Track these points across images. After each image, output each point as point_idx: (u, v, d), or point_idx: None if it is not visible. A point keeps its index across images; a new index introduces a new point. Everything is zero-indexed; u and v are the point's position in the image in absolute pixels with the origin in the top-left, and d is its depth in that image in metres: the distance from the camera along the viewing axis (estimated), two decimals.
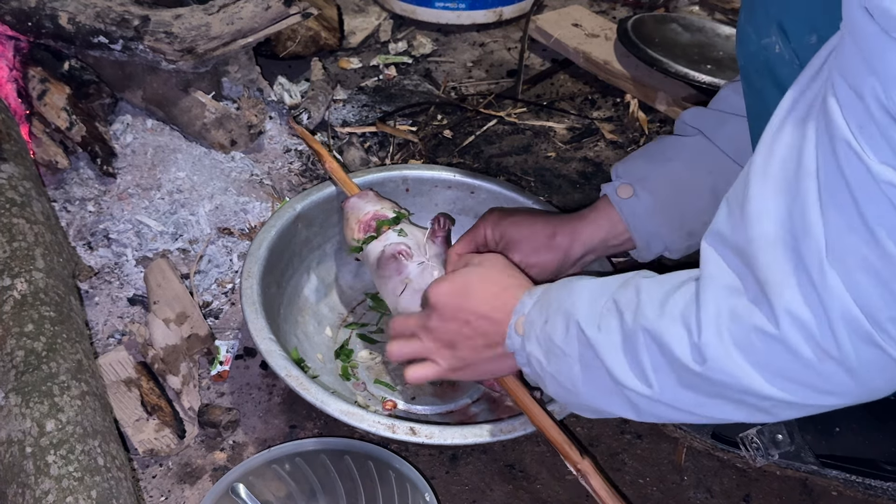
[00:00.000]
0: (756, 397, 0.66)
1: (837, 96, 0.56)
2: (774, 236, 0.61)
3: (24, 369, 0.88)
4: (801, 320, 0.60)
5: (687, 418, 0.73)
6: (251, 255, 1.07)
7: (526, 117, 1.58)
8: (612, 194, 1.01)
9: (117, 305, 1.15)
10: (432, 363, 0.90)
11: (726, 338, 0.64)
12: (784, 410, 0.67)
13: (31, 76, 1.31)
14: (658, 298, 0.70)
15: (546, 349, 0.79)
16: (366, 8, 1.88)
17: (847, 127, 0.55)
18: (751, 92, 0.85)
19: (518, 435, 0.91)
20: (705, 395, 0.69)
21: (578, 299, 0.78)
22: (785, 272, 0.60)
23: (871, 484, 0.95)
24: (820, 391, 0.63)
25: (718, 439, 0.99)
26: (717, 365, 0.65)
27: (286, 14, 1.33)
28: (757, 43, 0.79)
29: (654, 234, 1.01)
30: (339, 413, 0.91)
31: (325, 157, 1.19)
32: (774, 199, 0.61)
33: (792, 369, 0.62)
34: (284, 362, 0.95)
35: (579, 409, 0.83)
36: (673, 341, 0.67)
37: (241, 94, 1.42)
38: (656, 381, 0.70)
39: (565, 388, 0.79)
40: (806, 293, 0.59)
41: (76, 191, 1.27)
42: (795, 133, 0.61)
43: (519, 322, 0.82)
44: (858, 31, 0.54)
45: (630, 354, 0.72)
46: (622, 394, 0.73)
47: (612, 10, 1.97)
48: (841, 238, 0.57)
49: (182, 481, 0.96)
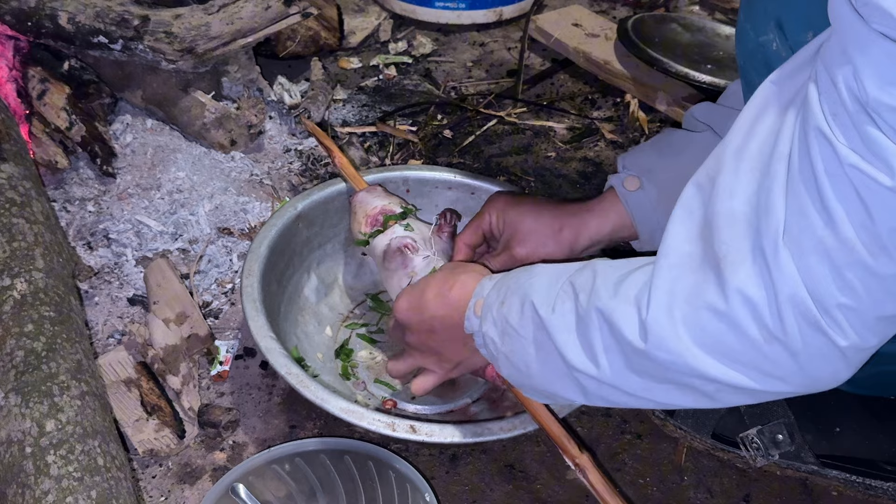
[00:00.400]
0: (701, 379, 0.66)
1: (818, 83, 0.57)
2: (740, 214, 0.61)
3: (23, 369, 0.88)
4: (750, 299, 0.60)
5: (634, 402, 0.74)
6: (252, 253, 1.07)
7: (526, 117, 1.58)
8: (618, 186, 1.01)
9: (117, 305, 1.15)
10: (429, 372, 0.94)
11: (676, 315, 0.64)
12: (729, 395, 0.67)
13: (31, 76, 1.31)
14: (613, 279, 0.71)
15: (501, 329, 0.80)
16: (366, 8, 1.88)
17: (822, 113, 0.56)
18: (749, 88, 0.85)
19: (518, 433, 0.91)
20: (651, 378, 0.69)
21: (536, 281, 0.78)
22: (742, 250, 0.61)
23: (871, 484, 0.95)
24: (764, 373, 0.63)
25: (718, 439, 0.99)
26: (662, 343, 0.65)
27: (286, 14, 1.33)
28: (755, 40, 0.79)
29: (658, 227, 1.01)
30: (339, 411, 0.91)
31: (334, 151, 1.19)
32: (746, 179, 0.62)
33: (737, 349, 0.62)
34: (285, 360, 0.95)
35: (532, 391, 0.84)
36: (623, 321, 0.68)
37: (241, 93, 1.42)
38: (605, 362, 0.71)
39: (518, 369, 0.80)
40: (759, 272, 0.60)
41: (76, 191, 1.27)
42: (777, 118, 0.61)
43: (477, 304, 0.84)
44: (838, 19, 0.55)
45: (582, 336, 0.72)
46: (572, 376, 0.74)
47: (612, 10, 1.97)
48: (800, 220, 0.58)
49: (182, 481, 0.96)
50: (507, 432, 0.91)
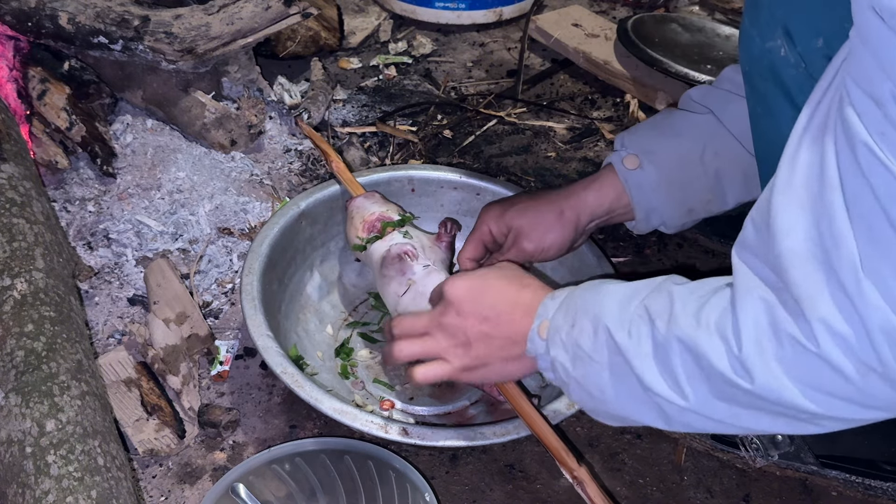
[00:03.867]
0: (795, 410, 0.64)
1: (854, 105, 0.55)
2: (803, 251, 0.60)
3: (24, 369, 0.88)
4: (839, 335, 0.58)
5: (719, 428, 0.71)
6: (253, 251, 1.07)
7: (526, 117, 1.58)
8: (617, 164, 1.00)
9: (117, 305, 1.15)
10: (443, 362, 0.87)
11: (767, 351, 0.63)
12: (824, 423, 0.65)
13: (31, 76, 1.31)
14: (692, 307, 0.69)
15: (573, 354, 0.77)
16: (366, 8, 1.88)
17: (868, 135, 0.54)
18: (753, 94, 0.85)
19: (512, 438, 0.91)
20: (741, 406, 0.67)
21: (607, 304, 0.76)
22: (818, 287, 0.59)
23: (870, 484, 0.95)
24: (862, 405, 0.62)
25: (718, 440, 0.99)
26: (762, 381, 0.63)
27: (286, 14, 1.33)
28: (761, 46, 0.79)
29: (654, 208, 1.01)
30: (332, 411, 0.91)
31: (331, 156, 1.18)
32: (800, 215, 0.60)
33: (833, 385, 0.61)
34: (280, 359, 0.95)
35: (605, 416, 0.81)
36: (710, 352, 0.66)
37: (241, 94, 1.42)
38: (690, 390, 0.68)
39: (591, 394, 0.77)
40: (842, 306, 0.58)
41: (76, 191, 1.27)
42: (814, 147, 0.60)
43: (542, 326, 0.80)
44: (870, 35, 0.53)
45: (662, 363, 0.70)
46: (652, 401, 0.72)
47: (612, 10, 1.97)
48: (873, 247, 0.56)
49: (182, 481, 0.96)
50: (501, 437, 0.91)
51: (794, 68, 0.75)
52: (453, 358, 0.86)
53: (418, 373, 0.88)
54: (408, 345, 0.89)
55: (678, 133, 1.01)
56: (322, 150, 1.22)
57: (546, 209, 1.01)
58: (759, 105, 0.84)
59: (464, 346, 0.86)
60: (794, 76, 0.76)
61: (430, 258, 1.02)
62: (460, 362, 0.86)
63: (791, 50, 0.75)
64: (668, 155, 1.00)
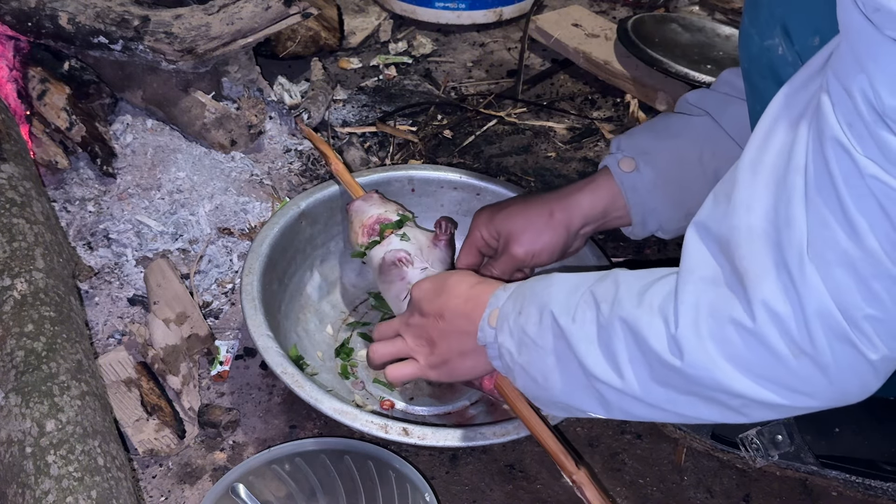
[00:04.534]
0: (728, 394, 0.65)
1: (830, 94, 0.56)
2: (758, 228, 0.61)
3: (24, 369, 0.88)
4: (777, 314, 0.59)
5: (657, 415, 0.72)
6: (253, 251, 1.07)
7: (526, 117, 1.58)
8: (613, 166, 1.00)
9: (117, 305, 1.15)
10: (412, 361, 0.91)
11: (703, 330, 0.64)
12: (756, 410, 0.66)
13: (31, 76, 1.31)
14: (636, 289, 0.70)
15: (518, 340, 0.79)
16: (366, 8, 1.88)
17: (838, 124, 0.55)
18: (753, 93, 0.85)
19: (511, 439, 0.91)
20: (677, 391, 0.68)
21: (555, 291, 0.77)
22: (764, 265, 0.60)
23: (870, 484, 0.95)
24: (792, 389, 0.63)
25: (718, 440, 0.99)
26: (693, 359, 0.64)
27: (286, 14, 1.33)
28: (760, 44, 0.79)
29: (651, 211, 1.00)
30: (332, 411, 0.91)
31: (331, 158, 1.18)
32: (763, 193, 0.61)
33: (765, 365, 0.62)
34: (280, 359, 0.95)
35: (548, 405, 0.82)
36: (650, 332, 0.67)
37: (241, 94, 1.42)
38: (630, 373, 0.69)
39: (535, 380, 0.79)
40: (784, 287, 0.59)
41: (76, 191, 1.27)
42: (789, 131, 0.61)
43: (493, 314, 0.82)
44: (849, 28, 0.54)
45: (604, 346, 0.71)
46: (593, 387, 0.73)
47: (612, 10, 1.97)
48: (823, 232, 0.57)
49: (182, 481, 0.96)
50: (501, 437, 0.91)
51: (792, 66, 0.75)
52: (419, 356, 0.90)
53: (389, 373, 0.92)
54: (381, 346, 0.94)
55: (675, 135, 1.01)
56: (322, 152, 1.22)
57: (536, 213, 1.00)
58: (758, 103, 0.84)
59: (429, 345, 0.89)
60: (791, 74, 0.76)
61: (429, 259, 1.02)
62: (426, 360, 0.90)
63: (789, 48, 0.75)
64: (664, 156, 0.99)
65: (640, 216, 1.01)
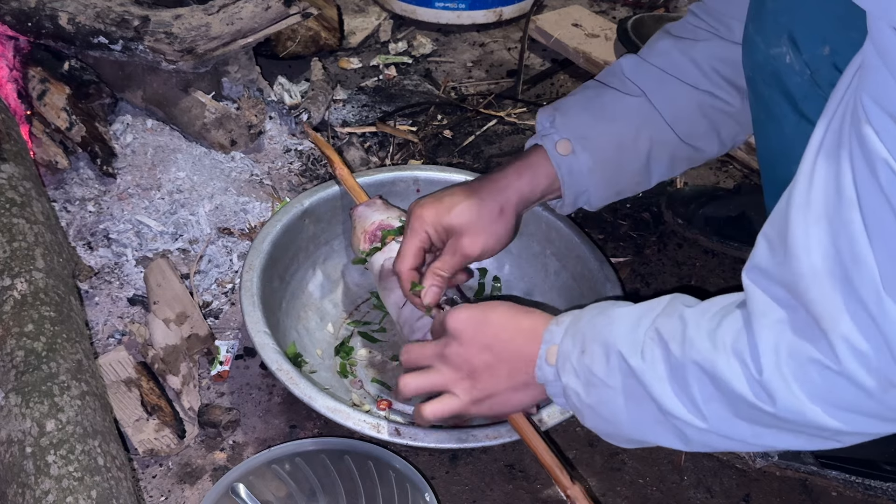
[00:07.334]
0: (818, 429, 0.64)
1: (872, 122, 0.55)
2: (822, 269, 0.59)
3: (24, 369, 0.88)
4: (861, 352, 0.58)
5: (740, 447, 0.71)
6: (254, 248, 1.07)
7: (526, 117, 1.58)
8: (550, 149, 0.98)
9: (117, 305, 1.15)
10: (451, 396, 0.85)
11: (787, 374, 0.62)
12: (846, 438, 0.65)
13: (31, 76, 1.31)
14: (706, 329, 0.68)
15: (585, 380, 0.76)
16: (366, 8, 1.88)
17: (888, 152, 0.54)
18: (756, 100, 0.84)
19: (503, 441, 0.91)
20: (763, 425, 0.67)
21: (617, 328, 0.75)
22: (838, 305, 0.59)
23: (870, 484, 0.95)
24: (884, 420, 0.62)
25: None
26: (785, 404, 0.63)
27: (286, 14, 1.33)
28: (765, 52, 0.78)
29: (582, 192, 1.00)
30: (325, 409, 0.91)
31: (336, 163, 1.18)
32: (817, 232, 0.60)
33: (854, 401, 0.61)
34: (276, 356, 0.95)
35: (620, 440, 0.80)
36: (729, 376, 0.65)
37: (241, 94, 1.42)
38: (709, 412, 0.68)
39: (606, 420, 0.77)
40: (862, 324, 0.58)
41: (76, 191, 1.27)
42: (830, 164, 0.59)
43: (551, 352, 0.79)
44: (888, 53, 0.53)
45: (679, 386, 0.69)
46: (670, 424, 0.71)
47: (612, 10, 1.97)
48: (894, 265, 0.56)
49: (182, 481, 0.96)
50: (493, 440, 0.90)
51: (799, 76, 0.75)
52: (461, 391, 0.84)
53: (426, 410, 0.85)
54: (414, 379, 0.87)
55: (613, 118, 0.99)
56: (327, 157, 1.21)
57: (485, 207, 0.97)
58: (762, 111, 0.84)
59: (470, 378, 0.84)
60: (798, 83, 0.76)
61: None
62: (468, 395, 0.84)
63: (796, 57, 0.74)
64: (602, 141, 0.98)
65: (572, 196, 1.00)
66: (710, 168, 1.46)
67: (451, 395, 0.85)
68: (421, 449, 0.98)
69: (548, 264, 1.18)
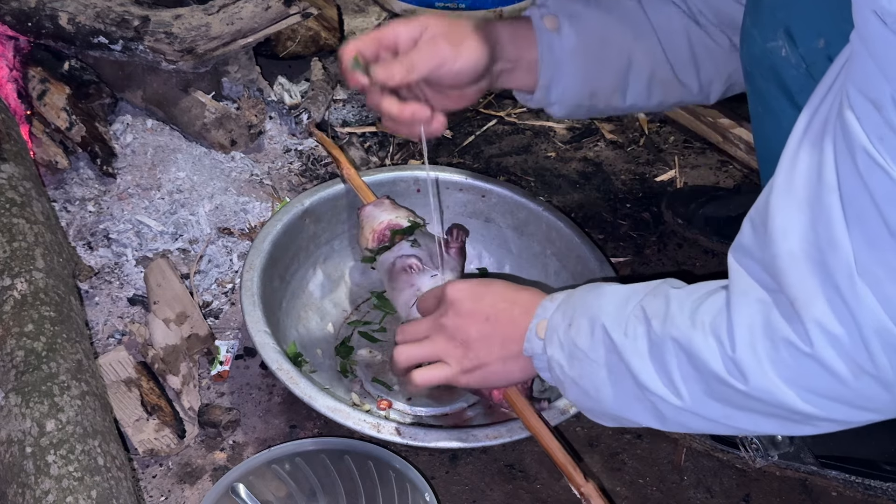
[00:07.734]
0: (789, 412, 0.64)
1: (854, 109, 0.55)
2: (800, 253, 0.60)
3: (24, 369, 0.88)
4: (833, 336, 0.59)
5: (714, 428, 0.72)
6: (255, 248, 1.07)
7: (526, 117, 1.58)
8: (536, 20, 0.94)
9: (117, 305, 1.15)
10: (443, 364, 0.86)
11: (760, 352, 0.63)
12: (818, 424, 0.66)
13: (31, 76, 1.31)
14: (688, 308, 0.69)
15: (569, 353, 0.77)
16: (366, 8, 1.88)
17: (867, 139, 0.54)
18: (754, 93, 0.85)
19: (504, 441, 0.91)
20: (735, 406, 0.67)
21: (605, 304, 0.76)
22: (813, 289, 0.59)
23: (870, 484, 0.95)
24: (855, 407, 0.62)
25: (718, 440, 0.99)
26: (757, 383, 0.64)
27: (286, 14, 1.33)
28: (762, 46, 0.79)
29: (559, 77, 0.95)
30: (325, 409, 0.91)
31: (343, 163, 1.18)
32: (798, 216, 0.60)
33: (826, 386, 0.61)
34: (276, 356, 0.95)
35: (601, 416, 0.81)
36: (704, 352, 0.66)
37: (241, 94, 1.42)
38: (685, 389, 0.69)
39: (587, 393, 0.78)
40: (836, 308, 0.58)
41: (76, 191, 1.27)
42: (813, 150, 0.60)
43: (540, 325, 0.80)
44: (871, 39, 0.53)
45: (657, 362, 0.70)
46: (647, 400, 0.72)
47: None
48: (869, 250, 0.56)
49: (182, 481, 0.96)
50: (493, 440, 0.91)
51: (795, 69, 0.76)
52: (452, 360, 0.86)
53: (417, 375, 0.87)
54: (407, 348, 0.88)
55: (607, 9, 0.96)
56: (333, 157, 1.21)
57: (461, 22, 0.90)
58: (759, 105, 0.84)
59: (463, 347, 0.85)
60: (794, 76, 0.76)
61: (439, 266, 1.01)
62: (459, 364, 0.86)
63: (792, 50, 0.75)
64: (591, 25, 0.95)
65: (546, 79, 0.94)
66: (710, 168, 1.46)
67: (444, 363, 0.86)
68: (421, 449, 0.98)
69: (548, 264, 1.18)
